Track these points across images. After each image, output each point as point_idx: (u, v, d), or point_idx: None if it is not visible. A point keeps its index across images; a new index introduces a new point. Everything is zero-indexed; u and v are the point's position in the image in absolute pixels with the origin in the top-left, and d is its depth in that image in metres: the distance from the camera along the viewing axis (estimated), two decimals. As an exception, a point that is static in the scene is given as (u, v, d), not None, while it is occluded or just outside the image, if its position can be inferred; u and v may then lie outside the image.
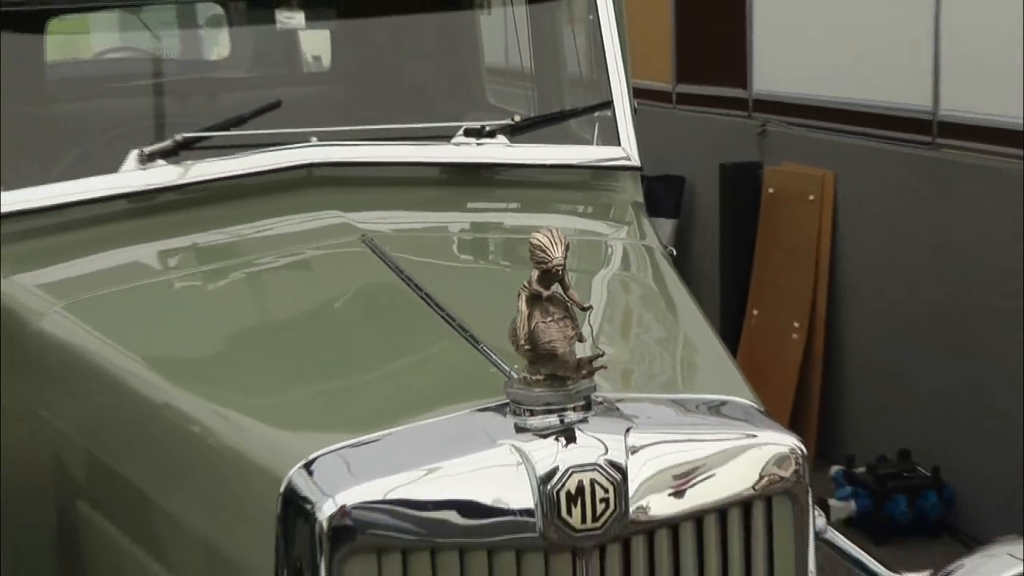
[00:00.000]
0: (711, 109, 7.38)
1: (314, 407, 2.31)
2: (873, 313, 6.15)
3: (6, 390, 3.01)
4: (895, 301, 5.99)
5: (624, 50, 3.50)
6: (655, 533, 1.94)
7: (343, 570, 1.87)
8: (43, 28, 3.58)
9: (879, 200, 6.05)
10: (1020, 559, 2.09)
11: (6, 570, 3.29)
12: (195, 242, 3.12)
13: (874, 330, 6.16)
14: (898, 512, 5.60)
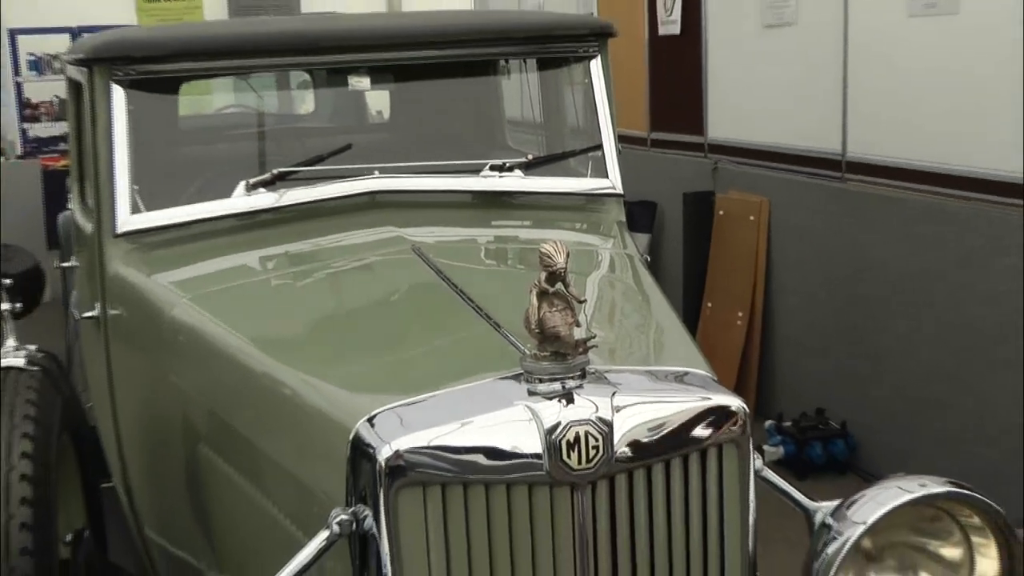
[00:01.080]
0: (676, 151, 7.41)
1: (375, 375, 2.29)
2: (797, 305, 6.16)
3: (150, 362, 3.02)
4: (814, 296, 5.99)
5: (611, 106, 3.50)
6: (634, 472, 1.93)
7: (396, 499, 1.86)
8: (177, 91, 3.56)
9: (802, 220, 6.07)
10: (906, 491, 2.06)
11: (150, 499, 3.29)
12: (286, 250, 3.12)
13: (798, 318, 6.17)
14: (815, 455, 5.59)
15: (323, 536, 1.92)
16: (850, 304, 5.70)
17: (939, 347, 5.14)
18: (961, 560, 2.12)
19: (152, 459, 3.20)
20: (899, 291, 5.35)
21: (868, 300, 5.58)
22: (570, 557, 1.90)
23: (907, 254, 5.29)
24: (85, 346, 4.21)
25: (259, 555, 2.41)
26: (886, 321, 5.46)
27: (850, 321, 5.72)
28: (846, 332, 5.75)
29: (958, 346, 5.03)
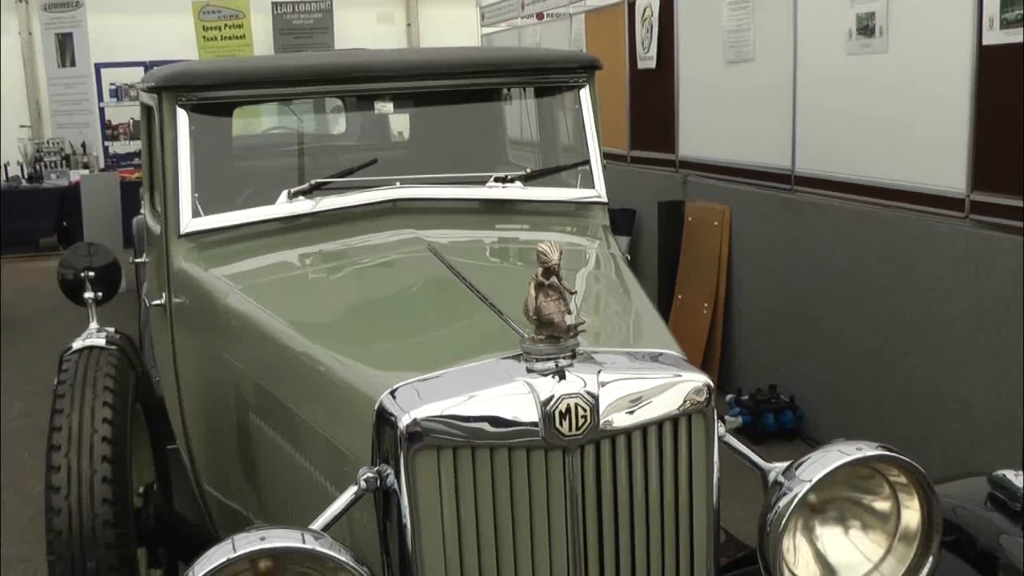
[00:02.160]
0: (652, 166, 7.40)
1: (396, 354, 2.27)
2: (754, 297, 6.15)
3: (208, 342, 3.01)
4: (768, 290, 5.98)
5: (597, 127, 3.48)
6: (616, 438, 1.91)
7: (414, 460, 1.84)
8: (231, 114, 3.56)
9: (758, 225, 6.06)
10: (845, 453, 2.04)
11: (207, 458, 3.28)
12: (321, 249, 3.10)
13: (755, 307, 6.16)
14: (768, 424, 5.57)
15: (352, 490, 1.91)
16: (798, 296, 5.70)
17: (872, 332, 5.13)
18: (889, 511, 2.11)
19: (209, 425, 3.18)
20: (839, 284, 5.35)
21: (813, 292, 5.57)
22: (562, 510, 1.89)
23: (845, 253, 5.29)
24: (154, 330, 4.20)
25: (298, 505, 2.39)
26: (828, 310, 5.46)
27: (798, 310, 5.71)
28: (795, 319, 5.74)
29: (888, 331, 5.02)
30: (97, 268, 3.53)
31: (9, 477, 5.28)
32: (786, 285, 5.79)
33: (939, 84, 4.71)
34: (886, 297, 5.02)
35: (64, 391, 2.65)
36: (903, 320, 4.92)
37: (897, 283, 4.95)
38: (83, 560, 2.43)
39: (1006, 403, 4.35)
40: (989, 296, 4.45)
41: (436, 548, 1.86)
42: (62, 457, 2.50)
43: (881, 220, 5.07)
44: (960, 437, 4.58)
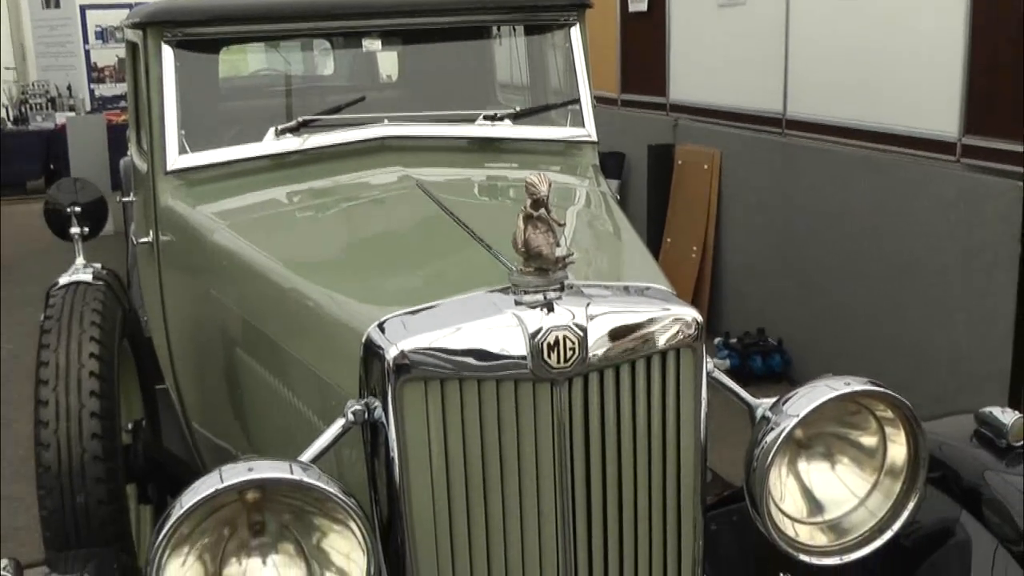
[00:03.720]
0: (642, 110, 7.36)
1: (384, 289, 2.26)
2: (742, 240, 6.15)
3: (195, 279, 3.00)
4: (756, 232, 5.98)
5: (587, 66, 3.45)
6: (604, 371, 1.89)
7: (402, 392, 1.83)
8: (217, 51, 3.52)
9: (747, 169, 6.05)
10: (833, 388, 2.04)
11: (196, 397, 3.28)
12: (310, 186, 3.08)
13: (743, 251, 6.16)
14: (755, 367, 5.60)
15: (340, 423, 1.90)
16: (786, 240, 5.70)
17: (861, 276, 5.14)
18: (876, 447, 2.11)
19: (197, 363, 3.18)
20: (828, 229, 5.35)
21: (802, 237, 5.57)
22: (549, 443, 1.88)
23: (835, 197, 5.29)
24: (141, 268, 4.19)
25: (287, 442, 2.39)
26: (816, 254, 5.46)
27: (786, 254, 5.71)
28: (783, 263, 5.75)
29: (876, 275, 5.03)
30: (83, 204, 3.51)
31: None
32: (775, 229, 5.78)
33: (933, 27, 4.68)
34: (876, 241, 5.02)
35: (51, 326, 2.64)
36: (892, 264, 4.93)
37: (887, 227, 4.95)
38: (72, 494, 2.44)
39: (994, 347, 4.36)
40: (979, 240, 4.45)
41: (423, 481, 1.86)
42: (50, 392, 2.50)
43: (872, 164, 5.06)
44: (947, 381, 4.61)
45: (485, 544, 1.90)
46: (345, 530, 1.82)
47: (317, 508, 1.83)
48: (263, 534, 1.87)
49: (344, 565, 1.85)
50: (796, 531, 2.11)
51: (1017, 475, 2.27)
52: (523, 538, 1.91)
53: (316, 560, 1.87)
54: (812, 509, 2.13)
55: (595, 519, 1.94)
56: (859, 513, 2.13)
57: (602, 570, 1.98)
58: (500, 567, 1.92)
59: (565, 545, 1.93)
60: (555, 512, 1.91)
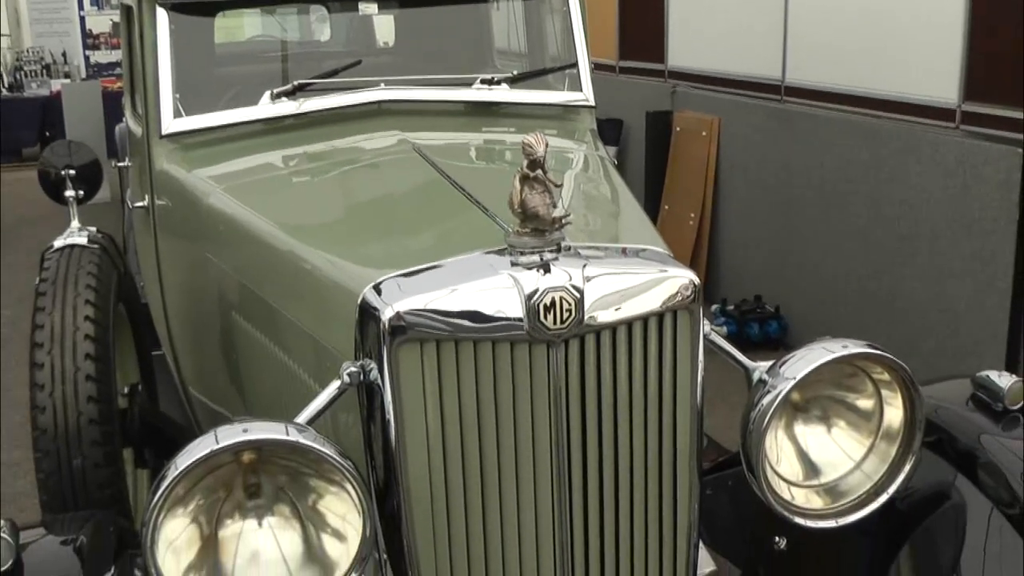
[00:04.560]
0: (641, 77, 7.33)
1: (381, 252, 2.25)
2: (740, 207, 6.13)
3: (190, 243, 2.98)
4: (753, 199, 5.97)
5: (585, 31, 3.42)
6: (601, 333, 1.88)
7: (397, 354, 1.82)
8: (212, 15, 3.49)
9: (746, 136, 6.02)
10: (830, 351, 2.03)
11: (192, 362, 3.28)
12: (305, 150, 3.06)
13: (740, 219, 6.15)
14: (752, 334, 5.61)
15: (335, 385, 1.89)
16: (785, 206, 5.68)
17: (858, 242, 5.13)
18: (872, 410, 2.11)
19: (193, 327, 3.17)
20: (826, 195, 5.34)
21: (800, 203, 5.56)
22: (546, 404, 1.87)
23: (833, 164, 5.27)
24: (138, 234, 4.17)
25: (283, 406, 2.39)
26: (814, 221, 5.45)
27: (785, 221, 5.70)
28: (781, 230, 5.73)
29: (874, 242, 5.02)
30: (78, 166, 3.49)
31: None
32: (773, 196, 5.77)
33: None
34: (874, 208, 5.01)
35: (46, 289, 2.63)
36: (890, 230, 4.92)
37: (885, 194, 4.94)
38: (69, 457, 2.44)
39: (990, 313, 4.36)
40: (977, 206, 4.44)
41: (419, 443, 1.85)
42: (45, 355, 2.49)
43: (871, 131, 5.04)
44: (944, 347, 4.61)
45: (481, 506, 1.90)
46: (341, 492, 1.82)
47: (313, 470, 1.83)
48: (259, 496, 1.87)
49: (340, 527, 1.85)
50: (792, 494, 2.11)
51: (1013, 439, 2.26)
52: (519, 500, 1.91)
53: (312, 522, 1.87)
54: (808, 472, 2.13)
55: (591, 481, 1.94)
56: (855, 476, 2.12)
57: (598, 532, 1.98)
58: (496, 529, 1.92)
59: (560, 507, 1.93)
60: (551, 474, 1.91)
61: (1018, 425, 2.29)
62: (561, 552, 1.95)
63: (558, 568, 1.96)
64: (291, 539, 1.86)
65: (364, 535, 1.82)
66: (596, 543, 1.98)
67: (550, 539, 1.94)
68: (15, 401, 5.06)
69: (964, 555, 2.20)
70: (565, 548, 1.96)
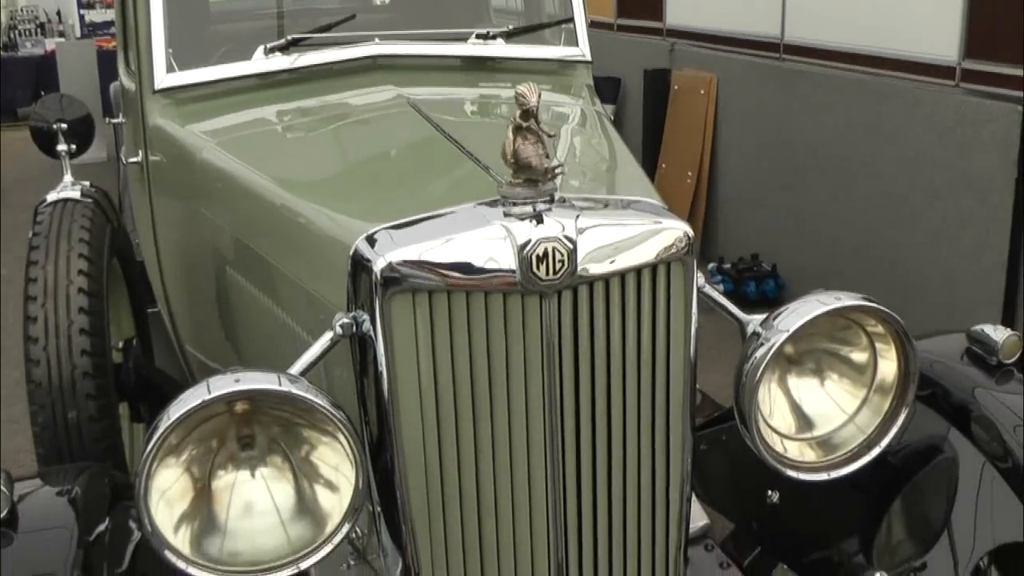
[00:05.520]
0: (639, 35, 7.28)
1: (374, 204, 2.23)
2: (737, 165, 6.11)
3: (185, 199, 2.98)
4: (751, 157, 5.95)
5: None
6: (594, 284, 1.87)
7: (390, 305, 1.81)
8: None
9: (744, 94, 5.99)
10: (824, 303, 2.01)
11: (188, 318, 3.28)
12: (299, 105, 3.03)
13: (738, 176, 6.13)
14: (749, 293, 5.61)
15: (328, 336, 1.88)
16: (782, 165, 5.67)
17: (855, 201, 5.12)
18: (866, 363, 2.10)
19: (188, 284, 3.17)
20: (824, 154, 5.32)
21: (798, 162, 5.54)
22: (538, 355, 1.87)
23: (832, 122, 5.25)
24: (132, 190, 4.16)
25: (277, 359, 2.39)
26: (812, 179, 5.44)
27: (782, 180, 5.69)
28: (778, 189, 5.72)
29: (872, 201, 5.01)
30: (70, 120, 3.46)
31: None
32: (771, 154, 5.75)
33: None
34: (872, 166, 4.99)
35: (39, 243, 2.62)
36: (889, 189, 4.90)
37: (884, 152, 4.92)
38: (64, 411, 2.44)
39: (988, 272, 4.36)
40: (976, 165, 4.42)
41: (412, 394, 1.85)
42: (38, 308, 2.49)
43: (870, 89, 5.01)
44: (941, 306, 4.61)
45: (474, 457, 1.90)
46: (333, 442, 1.82)
47: (305, 420, 1.83)
48: (252, 447, 1.87)
49: (333, 478, 1.86)
50: (785, 447, 2.11)
51: (1007, 392, 2.27)
52: (511, 452, 1.91)
53: (304, 473, 1.87)
54: (801, 425, 2.12)
55: (583, 433, 1.94)
56: (848, 429, 2.12)
57: (590, 484, 1.98)
58: (489, 481, 1.92)
59: (553, 459, 1.93)
60: (543, 426, 1.91)
61: (1012, 379, 2.29)
62: (553, 504, 1.96)
63: (550, 521, 1.97)
64: (284, 490, 1.87)
65: (357, 486, 1.82)
66: (588, 495, 1.98)
67: (543, 491, 1.95)
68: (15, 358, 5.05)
69: (956, 509, 2.21)
70: (557, 500, 1.96)
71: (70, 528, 1.89)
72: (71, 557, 1.82)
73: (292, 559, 1.84)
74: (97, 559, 1.87)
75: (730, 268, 5.75)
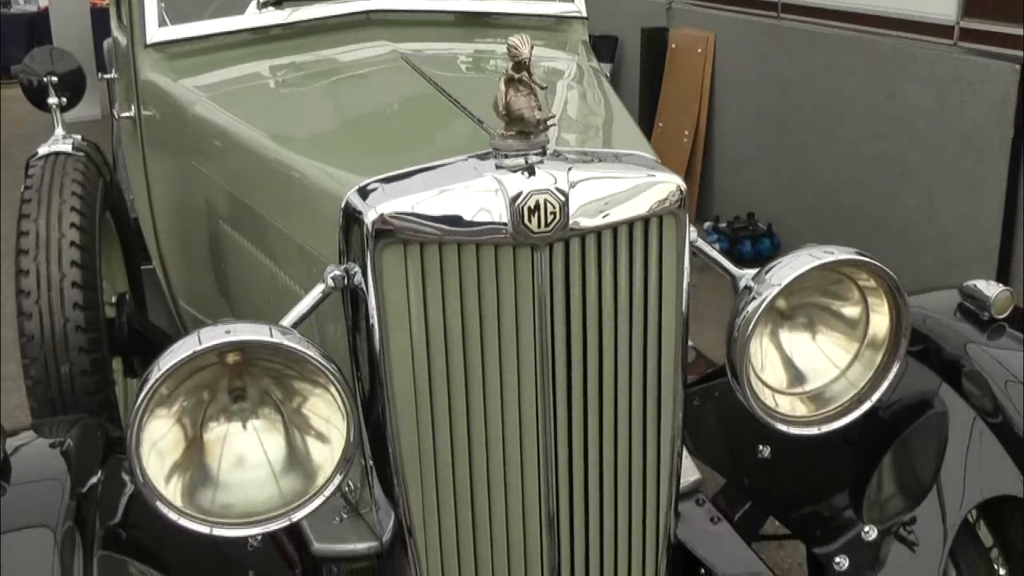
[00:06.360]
0: (636, -6, 7.23)
1: (366, 156, 2.22)
2: (734, 124, 6.09)
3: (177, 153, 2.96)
4: (748, 116, 5.92)
5: None
6: (585, 237, 1.86)
7: (381, 256, 1.80)
8: None
9: (741, 53, 5.96)
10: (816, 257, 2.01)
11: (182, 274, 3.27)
12: (293, 60, 3.01)
13: (734, 136, 6.11)
14: (744, 251, 5.60)
15: (319, 288, 1.88)
16: (779, 124, 5.64)
17: (851, 160, 5.11)
18: (858, 317, 2.09)
19: (182, 238, 3.16)
20: (819, 112, 5.30)
21: (795, 121, 5.52)
22: (530, 308, 1.86)
23: (829, 81, 5.22)
24: (125, 145, 4.14)
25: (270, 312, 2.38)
26: (808, 137, 5.42)
27: (778, 138, 5.67)
28: (774, 148, 5.70)
29: (868, 158, 4.99)
30: (60, 73, 3.43)
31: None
32: (768, 113, 5.72)
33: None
34: (869, 125, 4.97)
35: (31, 196, 2.61)
36: (885, 149, 4.89)
37: (880, 111, 4.90)
38: (56, 364, 2.44)
39: (983, 231, 4.35)
40: (972, 124, 4.40)
41: (403, 347, 1.85)
42: (31, 261, 2.48)
43: (868, 48, 4.98)
44: (935, 264, 4.61)
45: (465, 410, 1.90)
46: (325, 394, 1.82)
47: (296, 372, 1.83)
48: (243, 400, 1.87)
49: (324, 430, 1.86)
50: (776, 401, 2.11)
51: (999, 348, 2.26)
52: (503, 404, 1.91)
53: (296, 426, 1.87)
54: (793, 379, 2.12)
55: (575, 386, 1.94)
56: (839, 384, 2.12)
57: (581, 438, 1.98)
58: (480, 433, 1.92)
59: (544, 413, 1.93)
60: (535, 379, 1.90)
61: (1004, 334, 2.29)
62: (545, 457, 1.96)
63: (542, 474, 1.97)
64: (276, 442, 1.87)
65: (348, 438, 1.82)
66: (580, 449, 1.99)
67: (534, 444, 1.95)
68: (6, 316, 5.06)
69: (945, 463, 2.22)
70: (549, 453, 1.96)
71: (62, 480, 1.89)
72: (63, 508, 1.82)
73: (284, 511, 1.84)
74: (90, 510, 1.87)
75: (726, 227, 5.74)
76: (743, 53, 5.92)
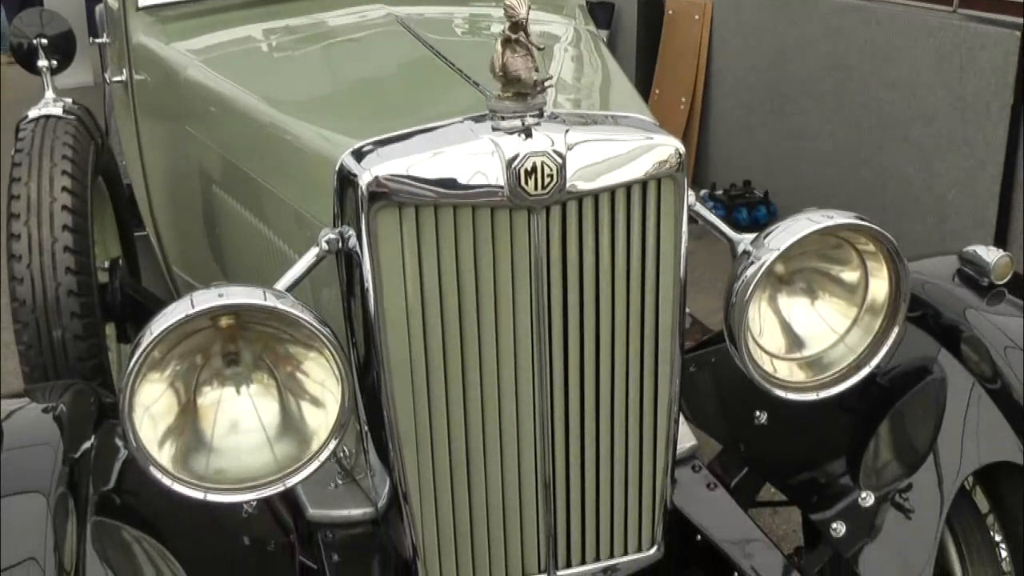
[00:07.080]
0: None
1: (362, 121, 2.19)
2: (731, 91, 6.05)
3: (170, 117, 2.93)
4: (745, 83, 5.89)
5: None
6: (582, 200, 1.83)
7: (376, 219, 1.78)
8: None
9: (739, 20, 5.91)
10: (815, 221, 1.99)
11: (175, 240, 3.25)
12: (287, 23, 2.98)
13: (731, 103, 6.07)
14: (741, 219, 5.58)
15: (313, 252, 1.86)
16: (776, 91, 5.60)
17: (849, 127, 5.08)
18: (857, 282, 2.07)
19: (175, 204, 3.14)
20: (817, 79, 5.26)
21: (792, 87, 5.48)
22: (526, 272, 1.84)
23: (827, 48, 5.18)
24: (117, 111, 4.10)
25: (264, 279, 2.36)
26: (806, 105, 5.38)
27: (775, 105, 5.63)
28: (772, 115, 5.67)
29: (866, 126, 4.97)
30: (50, 36, 3.39)
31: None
32: (765, 80, 5.68)
33: None
34: (866, 92, 4.94)
35: (21, 159, 2.58)
36: (882, 115, 4.86)
37: (879, 78, 4.86)
38: (48, 329, 2.42)
39: (981, 198, 4.34)
40: (971, 90, 4.37)
41: (399, 310, 1.83)
42: (22, 226, 2.45)
43: (867, 14, 4.94)
44: (933, 231, 4.60)
45: (460, 374, 1.88)
46: (319, 358, 1.81)
47: (290, 336, 1.81)
48: (237, 364, 1.85)
49: (319, 394, 1.84)
50: (774, 367, 2.09)
51: (998, 314, 2.25)
52: (499, 368, 1.89)
53: (290, 391, 1.86)
54: (791, 345, 2.10)
55: (571, 351, 1.92)
56: (838, 349, 2.10)
57: (578, 403, 1.97)
58: (476, 398, 1.91)
59: (541, 377, 1.92)
60: (531, 343, 1.89)
61: (1003, 300, 2.27)
62: (541, 422, 1.95)
63: (538, 439, 1.96)
64: (270, 407, 1.86)
65: (343, 403, 1.80)
66: (576, 413, 1.97)
67: (530, 409, 1.94)
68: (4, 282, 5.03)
69: (943, 429, 2.21)
70: (545, 419, 1.95)
71: (55, 445, 1.87)
72: (56, 474, 1.81)
73: (278, 477, 1.83)
74: (83, 476, 1.86)
75: (722, 195, 5.71)
76: (741, 20, 5.87)
